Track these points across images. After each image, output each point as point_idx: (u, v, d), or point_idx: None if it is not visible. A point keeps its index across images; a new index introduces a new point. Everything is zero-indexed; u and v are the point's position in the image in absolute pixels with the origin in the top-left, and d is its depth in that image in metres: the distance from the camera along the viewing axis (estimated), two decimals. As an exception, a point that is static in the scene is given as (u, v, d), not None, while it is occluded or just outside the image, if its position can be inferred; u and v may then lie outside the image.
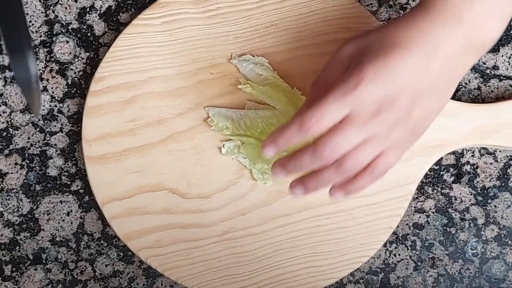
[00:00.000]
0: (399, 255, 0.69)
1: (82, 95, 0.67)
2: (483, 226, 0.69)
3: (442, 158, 0.69)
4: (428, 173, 0.69)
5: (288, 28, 0.66)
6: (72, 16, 0.67)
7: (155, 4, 0.65)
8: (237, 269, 0.67)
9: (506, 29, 0.69)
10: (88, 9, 0.67)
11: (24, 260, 0.68)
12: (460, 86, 0.69)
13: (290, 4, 0.66)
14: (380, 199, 0.66)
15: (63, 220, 0.68)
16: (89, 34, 0.67)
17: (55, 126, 0.67)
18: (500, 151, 0.69)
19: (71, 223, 0.68)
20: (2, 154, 0.67)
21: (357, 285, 0.69)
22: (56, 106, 0.67)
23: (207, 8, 0.66)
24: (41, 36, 0.67)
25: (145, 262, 0.66)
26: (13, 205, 0.67)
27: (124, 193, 0.66)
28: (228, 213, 0.66)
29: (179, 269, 0.66)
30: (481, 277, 0.69)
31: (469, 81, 0.69)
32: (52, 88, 0.67)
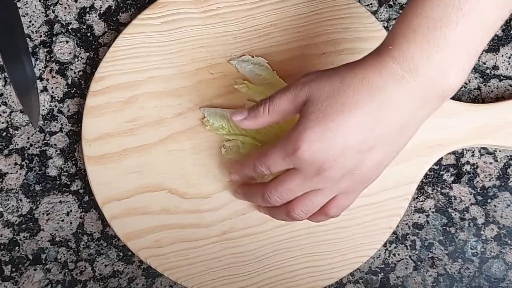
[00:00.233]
0: (399, 255, 0.69)
1: (82, 95, 0.67)
2: (483, 226, 0.69)
3: (442, 158, 0.69)
4: (428, 173, 0.69)
5: (288, 28, 0.66)
6: (72, 16, 0.67)
7: (155, 4, 0.65)
8: (237, 269, 0.67)
9: (506, 29, 0.69)
10: (88, 9, 0.67)
11: (24, 260, 0.68)
12: (460, 86, 0.69)
13: (290, 4, 0.66)
14: (380, 199, 0.66)
15: (63, 220, 0.68)
16: (89, 34, 0.67)
17: (55, 126, 0.67)
18: (500, 151, 0.69)
19: (71, 223, 0.68)
20: (2, 154, 0.67)
21: (357, 285, 0.69)
22: (56, 106, 0.67)
23: (207, 8, 0.66)
24: (41, 36, 0.67)
25: (145, 262, 0.66)
26: (13, 205, 0.67)
27: (124, 193, 0.65)
28: (228, 213, 0.66)
29: (179, 269, 0.66)
30: (481, 277, 0.69)
31: (469, 81, 0.69)
32: (52, 88, 0.67)
